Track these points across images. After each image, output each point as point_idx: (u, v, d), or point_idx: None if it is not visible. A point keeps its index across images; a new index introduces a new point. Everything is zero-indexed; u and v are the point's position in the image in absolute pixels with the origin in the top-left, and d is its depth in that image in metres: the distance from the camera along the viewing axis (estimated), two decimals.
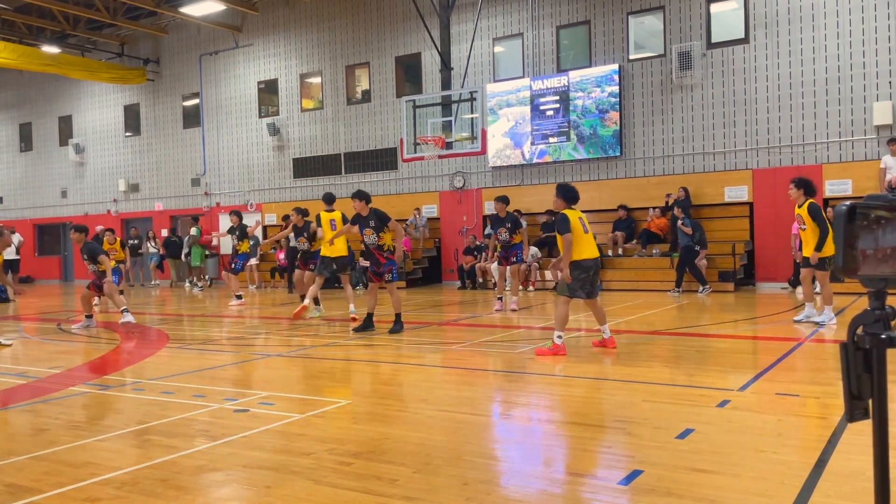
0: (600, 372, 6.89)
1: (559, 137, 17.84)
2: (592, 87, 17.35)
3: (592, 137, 17.48)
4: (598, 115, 17.36)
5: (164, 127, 25.28)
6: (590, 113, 17.44)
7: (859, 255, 1.48)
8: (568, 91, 17.62)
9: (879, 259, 1.49)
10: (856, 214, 1.48)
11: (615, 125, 17.18)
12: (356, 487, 3.68)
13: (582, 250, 7.49)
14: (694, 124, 16.56)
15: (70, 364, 8.14)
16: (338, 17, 21.41)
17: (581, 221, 7.60)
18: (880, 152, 14.38)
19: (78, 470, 4.07)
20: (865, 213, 1.49)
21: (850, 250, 1.48)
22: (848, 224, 1.48)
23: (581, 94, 17.46)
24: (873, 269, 1.49)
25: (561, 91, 17.70)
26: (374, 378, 7.17)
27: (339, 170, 21.53)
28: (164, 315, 13.96)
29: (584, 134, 17.56)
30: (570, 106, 17.62)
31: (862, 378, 1.53)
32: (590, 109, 17.43)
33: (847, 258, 1.49)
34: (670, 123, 16.80)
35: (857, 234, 1.48)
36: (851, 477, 3.63)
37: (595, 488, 3.66)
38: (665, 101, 16.83)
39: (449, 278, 19.50)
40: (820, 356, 7.61)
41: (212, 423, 5.13)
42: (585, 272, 7.53)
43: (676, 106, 16.71)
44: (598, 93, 17.28)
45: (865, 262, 1.49)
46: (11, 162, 29.39)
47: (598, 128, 17.41)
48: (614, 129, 17.20)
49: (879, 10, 14.63)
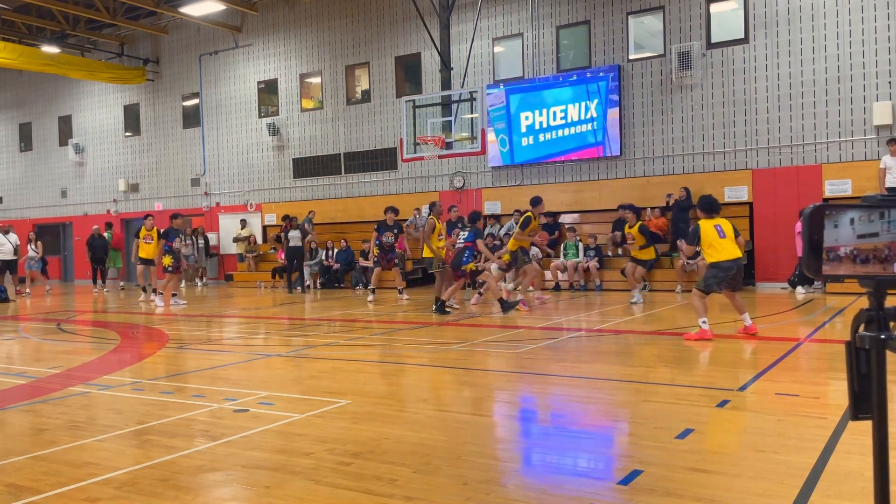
0: (600, 372, 6.89)
1: (559, 137, 17.83)
2: (592, 88, 17.34)
3: (592, 137, 17.48)
4: (598, 115, 17.35)
5: (164, 127, 25.27)
6: (590, 113, 17.44)
7: (823, 255, 1.52)
8: (568, 91, 17.61)
9: (845, 259, 1.52)
10: (821, 215, 1.51)
11: (615, 125, 17.18)
12: (356, 487, 3.68)
13: (720, 254, 8.26)
14: (694, 124, 16.56)
15: (70, 364, 8.14)
16: (338, 17, 21.40)
17: (718, 228, 8.34)
18: (880, 152, 14.38)
19: (78, 470, 4.07)
20: (832, 214, 1.51)
21: (815, 250, 1.52)
22: (812, 225, 1.50)
23: (581, 94, 17.46)
24: (836, 270, 1.52)
25: (561, 91, 17.70)
26: (374, 378, 7.17)
27: (338, 170, 21.52)
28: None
29: (584, 134, 17.55)
30: (569, 106, 17.62)
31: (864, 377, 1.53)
32: (589, 109, 17.42)
33: (811, 258, 1.52)
34: (670, 123, 16.80)
35: (821, 235, 1.51)
36: (851, 477, 3.63)
37: (595, 488, 3.66)
38: (665, 101, 16.83)
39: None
40: (820, 356, 7.61)
41: (211, 423, 5.13)
42: (724, 272, 8.30)
43: (676, 106, 16.71)
44: (597, 93, 17.28)
45: (829, 262, 1.52)
46: (11, 162, 29.39)
47: (598, 128, 17.40)
48: (614, 130, 17.20)
49: (879, 10, 14.63)
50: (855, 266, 1.52)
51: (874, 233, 1.52)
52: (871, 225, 1.52)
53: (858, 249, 1.52)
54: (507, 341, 9.05)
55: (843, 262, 1.52)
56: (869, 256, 1.52)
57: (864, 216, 1.52)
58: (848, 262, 1.52)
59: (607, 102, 17.25)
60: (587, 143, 17.66)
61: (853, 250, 1.52)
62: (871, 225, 1.52)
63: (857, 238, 1.52)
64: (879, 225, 1.52)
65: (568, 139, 17.89)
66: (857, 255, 1.52)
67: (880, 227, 1.52)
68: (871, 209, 1.52)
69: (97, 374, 7.42)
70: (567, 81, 17.73)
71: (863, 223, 1.52)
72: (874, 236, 1.52)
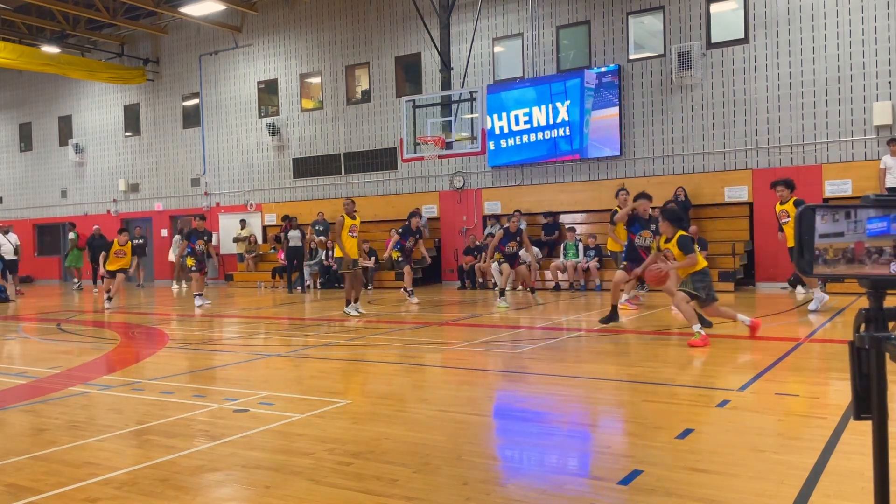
0: (600, 372, 6.89)
1: (559, 137, 17.84)
2: (591, 87, 17.35)
3: (592, 137, 17.47)
4: (597, 116, 17.35)
5: (164, 127, 25.27)
6: (589, 113, 17.44)
7: (815, 254, 1.53)
8: (568, 91, 17.62)
9: (837, 258, 1.53)
10: (813, 215, 1.52)
11: (615, 125, 17.18)
12: (356, 487, 3.68)
13: (701, 262, 8.13)
14: (694, 124, 16.56)
15: (70, 364, 8.14)
16: (338, 17, 21.41)
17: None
18: (880, 152, 14.38)
19: (78, 470, 4.07)
20: (825, 214, 1.52)
21: (807, 249, 1.52)
22: (804, 224, 1.51)
23: (581, 94, 17.46)
24: (827, 269, 1.53)
25: (561, 91, 17.69)
26: (374, 378, 7.17)
27: (338, 170, 21.52)
28: None
29: (584, 134, 17.55)
30: (569, 106, 17.61)
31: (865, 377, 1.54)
32: (589, 109, 17.42)
33: (803, 257, 1.52)
34: (670, 123, 16.80)
35: (812, 235, 1.52)
36: (851, 477, 3.63)
37: (595, 488, 3.66)
38: (665, 101, 16.83)
39: (449, 278, 19.50)
40: (820, 356, 7.61)
41: (211, 423, 5.13)
42: (709, 277, 8.21)
43: (676, 106, 16.71)
44: (597, 93, 17.29)
45: (821, 261, 1.53)
46: (11, 162, 29.39)
47: (597, 128, 17.40)
48: (614, 129, 17.20)
49: (879, 10, 14.63)
50: (847, 266, 1.53)
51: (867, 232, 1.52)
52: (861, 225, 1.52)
53: (851, 249, 1.52)
54: (507, 341, 9.05)
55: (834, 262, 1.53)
56: (862, 256, 1.52)
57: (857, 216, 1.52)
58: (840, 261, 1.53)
59: (581, 105, 17.40)
60: (564, 150, 17.87)
61: (845, 250, 1.52)
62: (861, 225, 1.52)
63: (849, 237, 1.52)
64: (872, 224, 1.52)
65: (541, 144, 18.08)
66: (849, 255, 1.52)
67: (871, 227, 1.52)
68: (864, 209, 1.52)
69: (97, 374, 7.42)
70: (539, 82, 17.95)
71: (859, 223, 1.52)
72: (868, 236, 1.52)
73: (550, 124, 17.85)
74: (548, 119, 17.84)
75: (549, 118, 17.82)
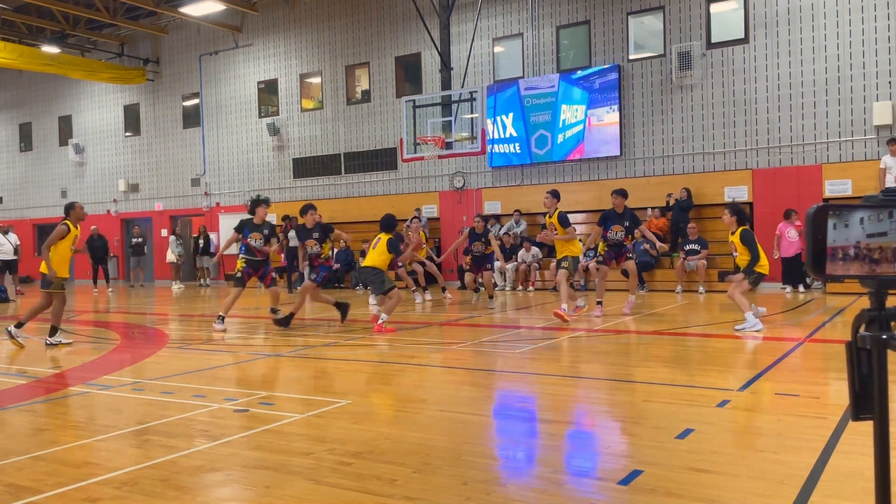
0: (600, 372, 6.89)
1: (559, 137, 17.84)
2: (592, 87, 17.35)
3: (592, 137, 17.47)
4: (597, 115, 17.35)
5: (164, 127, 25.27)
6: (589, 113, 17.44)
7: (827, 255, 1.52)
8: (568, 91, 17.62)
9: (848, 259, 1.53)
10: (825, 215, 1.51)
11: (615, 125, 17.18)
12: (356, 487, 3.67)
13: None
14: (694, 124, 16.56)
15: (70, 364, 8.14)
16: (338, 17, 21.40)
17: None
18: (880, 152, 14.38)
19: (78, 470, 4.07)
20: (837, 214, 1.51)
21: (818, 250, 1.52)
22: (816, 225, 1.51)
23: (581, 94, 17.46)
24: (838, 270, 1.53)
25: (561, 91, 17.70)
26: (374, 378, 7.17)
27: (338, 170, 21.52)
28: None
29: (583, 134, 17.55)
30: (569, 106, 17.61)
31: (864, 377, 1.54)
32: (589, 110, 17.42)
33: (815, 258, 1.52)
34: (670, 123, 16.79)
35: (825, 235, 1.51)
36: (851, 477, 3.63)
37: (595, 488, 3.65)
38: (665, 101, 16.83)
39: (449, 278, 19.48)
40: (820, 356, 7.61)
41: (211, 423, 5.12)
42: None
43: (676, 106, 16.71)
44: (597, 93, 17.29)
45: (832, 261, 1.53)
46: (11, 162, 29.38)
47: (597, 128, 17.40)
48: (614, 129, 17.20)
49: (879, 10, 14.63)
50: (858, 266, 1.53)
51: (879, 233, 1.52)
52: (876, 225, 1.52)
53: (862, 249, 1.52)
54: (507, 341, 9.05)
55: (845, 263, 1.53)
56: (872, 256, 1.52)
57: (870, 216, 1.52)
58: (851, 262, 1.53)
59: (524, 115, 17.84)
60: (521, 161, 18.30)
61: (856, 250, 1.52)
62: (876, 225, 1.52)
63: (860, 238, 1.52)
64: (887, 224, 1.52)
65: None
66: (861, 255, 1.52)
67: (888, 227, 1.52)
68: (875, 209, 1.52)
69: (97, 374, 7.41)
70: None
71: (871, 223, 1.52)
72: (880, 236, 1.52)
73: (503, 138, 18.68)
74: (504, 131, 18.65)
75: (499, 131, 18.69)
